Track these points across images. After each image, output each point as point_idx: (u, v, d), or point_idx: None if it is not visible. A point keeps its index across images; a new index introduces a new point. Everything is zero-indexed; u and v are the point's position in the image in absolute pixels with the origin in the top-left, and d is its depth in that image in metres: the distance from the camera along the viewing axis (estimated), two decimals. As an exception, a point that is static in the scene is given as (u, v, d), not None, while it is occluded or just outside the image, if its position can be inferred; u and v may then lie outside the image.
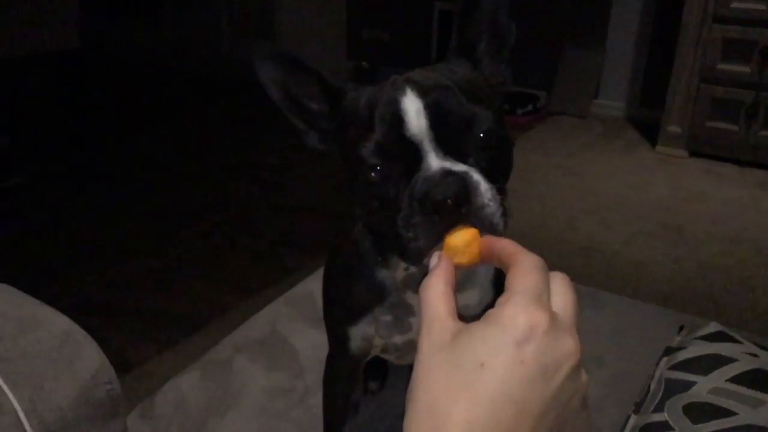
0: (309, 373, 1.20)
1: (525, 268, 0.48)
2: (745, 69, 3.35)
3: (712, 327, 1.13)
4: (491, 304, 0.50)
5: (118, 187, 3.39)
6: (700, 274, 2.55)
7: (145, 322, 2.27)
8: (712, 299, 2.39)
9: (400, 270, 0.81)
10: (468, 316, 0.87)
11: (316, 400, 1.09)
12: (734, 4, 3.29)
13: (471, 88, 0.68)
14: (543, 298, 0.46)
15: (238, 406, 1.16)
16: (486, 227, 0.59)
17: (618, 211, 3.05)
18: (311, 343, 1.25)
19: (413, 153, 0.63)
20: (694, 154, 3.62)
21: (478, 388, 0.43)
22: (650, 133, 3.84)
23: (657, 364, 1.09)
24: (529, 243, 0.51)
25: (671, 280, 2.52)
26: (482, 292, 0.88)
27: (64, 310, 0.95)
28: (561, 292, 0.49)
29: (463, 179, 0.60)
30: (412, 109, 0.64)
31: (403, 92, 0.65)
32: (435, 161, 0.62)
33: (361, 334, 0.89)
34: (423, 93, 0.64)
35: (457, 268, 0.54)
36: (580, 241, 2.77)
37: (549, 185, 3.30)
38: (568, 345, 0.45)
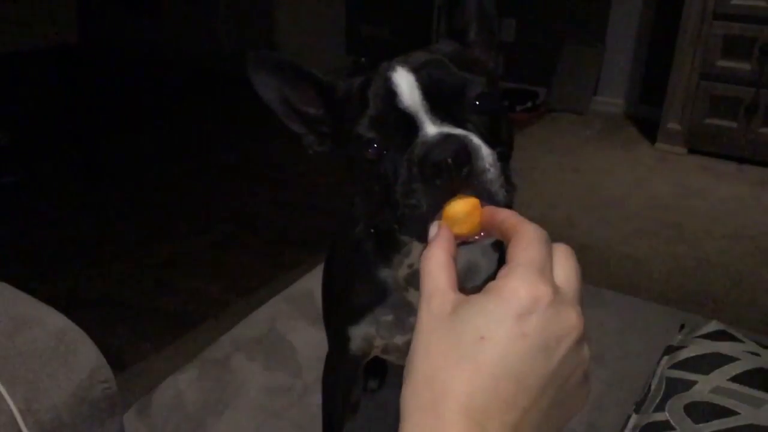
0: (308, 372, 1.19)
1: (527, 240, 0.46)
2: (745, 66, 3.34)
3: (713, 326, 1.12)
4: (493, 277, 0.49)
5: (115, 182, 3.37)
6: (699, 271, 2.55)
7: (143, 319, 2.26)
8: (711, 297, 2.38)
9: (403, 268, 0.80)
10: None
11: (315, 399, 1.08)
12: (734, 1, 3.28)
13: (461, 60, 0.68)
14: (546, 270, 0.45)
15: (236, 405, 1.15)
16: (487, 195, 0.58)
17: (617, 208, 3.05)
18: (310, 341, 1.24)
19: (409, 125, 0.62)
20: (693, 151, 3.62)
21: (479, 361, 0.42)
22: (649, 130, 3.83)
23: (658, 362, 1.09)
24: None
25: (670, 277, 2.51)
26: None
27: (61, 308, 0.94)
28: (564, 264, 0.47)
29: (462, 141, 0.58)
30: (404, 82, 0.64)
31: (393, 69, 0.65)
32: (432, 128, 0.61)
33: (361, 334, 0.88)
34: (414, 67, 0.65)
35: (457, 238, 0.52)
36: (579, 238, 2.77)
37: (548, 182, 3.29)
38: (571, 318, 0.44)
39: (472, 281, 0.86)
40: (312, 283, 1.40)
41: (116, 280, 2.48)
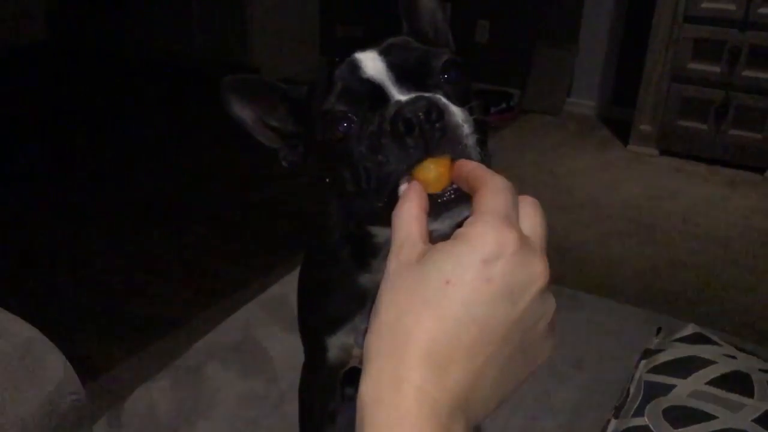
0: (283, 380, 1.17)
1: (493, 190, 0.46)
2: (714, 69, 3.39)
3: (690, 329, 1.12)
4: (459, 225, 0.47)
5: (85, 184, 3.31)
6: (672, 272, 2.58)
7: (114, 324, 2.22)
8: (684, 297, 2.41)
9: (381, 273, 0.78)
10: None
11: (291, 408, 1.06)
12: (704, 5, 3.33)
13: (425, 39, 0.69)
14: (512, 218, 0.45)
15: (210, 414, 1.13)
16: (461, 153, 0.55)
17: (591, 210, 3.07)
18: (286, 349, 1.22)
19: (377, 96, 0.61)
20: (664, 152, 3.66)
21: (443, 305, 0.42)
22: (622, 131, 3.87)
23: (636, 366, 1.09)
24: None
25: (644, 278, 2.53)
26: None
27: (29, 313, 0.91)
28: (531, 215, 0.47)
29: (434, 100, 0.57)
30: (368, 57, 0.63)
31: (357, 52, 0.65)
32: (401, 97, 0.59)
33: (339, 344, 0.86)
34: (377, 46, 0.65)
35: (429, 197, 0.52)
36: (554, 239, 2.76)
37: (523, 183, 3.30)
38: (536, 266, 0.44)
39: None
40: (287, 288, 1.38)
41: (86, 284, 2.43)
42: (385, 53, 0.63)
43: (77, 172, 3.44)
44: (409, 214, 0.48)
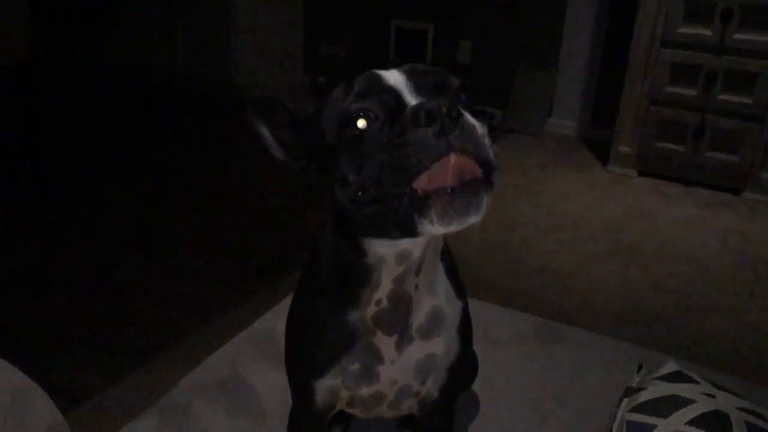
0: (271, 418, 1.18)
1: None
2: (691, 92, 3.46)
3: (670, 366, 1.15)
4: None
5: (65, 205, 3.28)
6: (651, 294, 2.62)
7: (95, 350, 2.20)
8: (664, 320, 2.45)
9: (371, 306, 0.79)
10: (435, 367, 0.87)
11: (279, 448, 1.07)
12: (681, 30, 3.40)
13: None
14: None
15: (198, 454, 1.13)
16: (477, 149, 0.60)
17: (572, 231, 3.11)
18: (274, 386, 1.23)
19: (395, 102, 0.64)
20: (643, 173, 3.72)
21: None
22: (602, 152, 3.93)
23: (618, 405, 1.11)
24: (487, 263, 0.50)
25: (623, 300, 2.57)
26: (449, 340, 0.87)
27: (8, 339, 0.91)
28: None
29: (453, 102, 0.61)
30: (389, 72, 0.69)
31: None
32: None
33: (326, 386, 0.87)
34: (398, 67, 0.70)
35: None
36: (536, 261, 2.81)
37: (505, 204, 3.34)
38: None
39: (437, 332, 0.86)
40: (275, 321, 1.39)
41: (65, 309, 2.41)
42: (405, 71, 0.68)
43: (58, 194, 3.42)
44: None
